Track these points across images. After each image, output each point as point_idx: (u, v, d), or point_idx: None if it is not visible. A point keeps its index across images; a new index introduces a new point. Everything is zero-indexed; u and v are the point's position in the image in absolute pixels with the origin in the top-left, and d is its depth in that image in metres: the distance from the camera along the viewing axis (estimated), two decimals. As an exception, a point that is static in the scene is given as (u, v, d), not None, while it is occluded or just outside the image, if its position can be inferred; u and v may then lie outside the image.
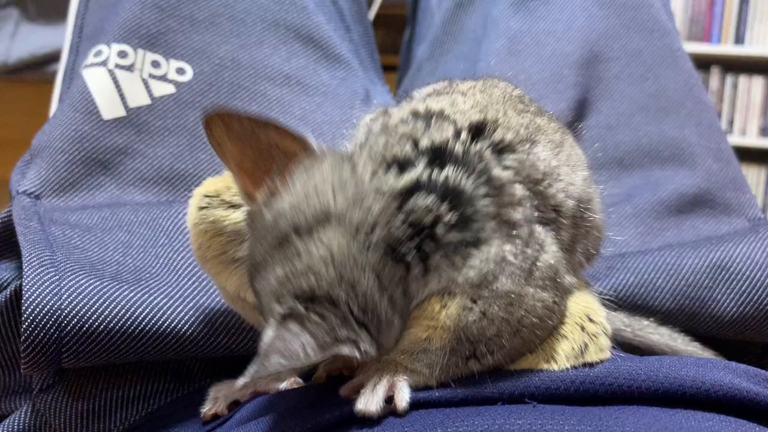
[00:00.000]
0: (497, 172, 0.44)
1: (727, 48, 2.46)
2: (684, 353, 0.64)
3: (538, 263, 0.44)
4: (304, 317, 0.39)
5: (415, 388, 0.43)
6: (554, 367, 0.46)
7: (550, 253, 0.45)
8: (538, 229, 0.45)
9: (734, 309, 0.68)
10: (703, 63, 2.44)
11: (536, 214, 0.45)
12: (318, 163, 0.43)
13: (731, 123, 2.50)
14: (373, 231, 0.40)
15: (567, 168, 0.49)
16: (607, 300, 0.53)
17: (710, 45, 2.48)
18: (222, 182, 0.52)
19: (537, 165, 0.46)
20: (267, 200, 0.43)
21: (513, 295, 0.43)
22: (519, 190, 0.44)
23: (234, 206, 0.51)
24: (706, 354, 0.66)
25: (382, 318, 0.41)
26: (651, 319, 0.66)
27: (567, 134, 0.53)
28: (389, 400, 0.42)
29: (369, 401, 0.41)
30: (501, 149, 0.45)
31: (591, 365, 0.47)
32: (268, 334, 0.38)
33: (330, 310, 0.39)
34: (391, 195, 0.41)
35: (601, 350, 0.48)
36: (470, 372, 0.44)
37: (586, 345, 0.47)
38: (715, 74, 2.50)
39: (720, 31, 2.49)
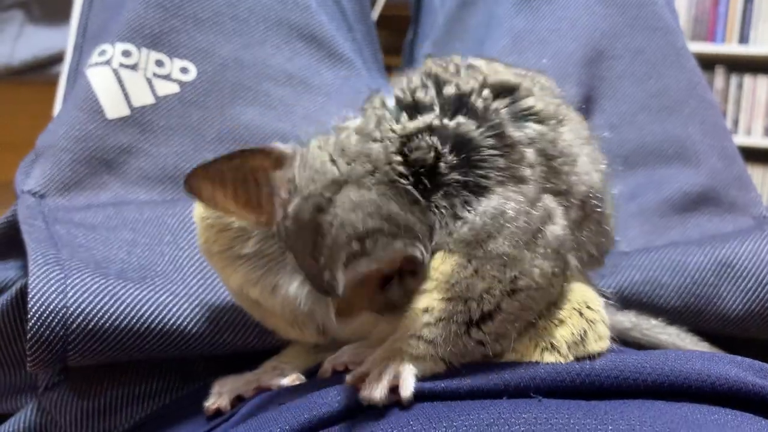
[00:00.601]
0: (511, 131, 0.45)
1: (731, 47, 2.46)
2: None
3: (546, 231, 0.45)
4: (362, 251, 0.41)
5: (422, 378, 0.43)
6: (557, 358, 0.46)
7: (559, 225, 0.46)
8: (548, 197, 0.46)
9: (739, 306, 0.68)
10: (708, 63, 2.44)
11: (548, 184, 0.46)
12: (304, 154, 0.45)
13: (736, 123, 2.50)
14: (376, 172, 0.44)
15: (587, 159, 0.50)
16: (608, 297, 0.53)
17: (715, 44, 2.48)
18: None
19: (557, 142, 0.47)
20: (280, 215, 0.45)
21: (506, 258, 0.43)
22: (531, 154, 0.45)
23: None
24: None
25: (416, 228, 0.43)
26: (660, 318, 0.66)
27: (594, 139, 0.54)
28: (394, 390, 0.42)
29: (374, 389, 0.41)
30: (525, 115, 0.47)
31: (594, 357, 0.47)
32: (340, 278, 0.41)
33: (378, 238, 0.42)
34: (398, 137, 0.45)
35: (600, 338, 0.48)
36: (475, 349, 0.45)
37: (585, 332, 0.47)
38: (719, 74, 2.50)
39: (724, 31, 2.49)
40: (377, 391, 0.41)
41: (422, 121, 0.46)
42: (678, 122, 0.88)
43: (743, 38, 2.46)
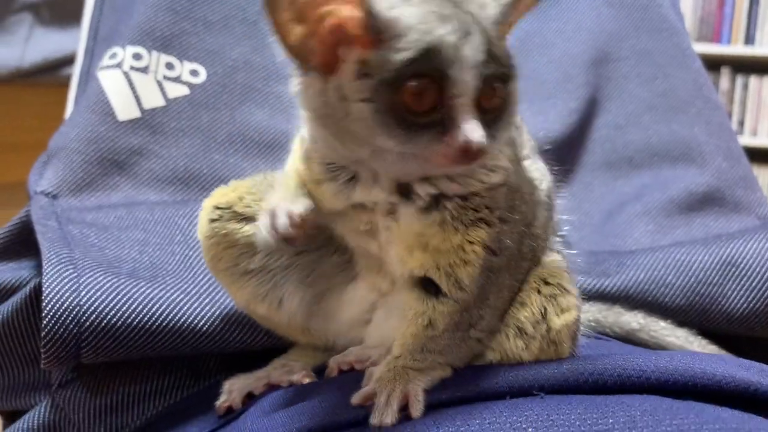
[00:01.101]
0: None
1: (737, 48, 2.45)
2: None
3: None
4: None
5: (431, 386, 0.44)
6: (525, 340, 0.47)
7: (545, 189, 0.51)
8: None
9: (744, 305, 0.68)
10: (714, 63, 2.43)
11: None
12: None
13: (742, 123, 2.49)
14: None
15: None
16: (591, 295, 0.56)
17: (720, 45, 2.48)
18: (233, 193, 0.53)
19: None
20: None
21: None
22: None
23: (246, 218, 0.51)
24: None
25: None
26: (668, 321, 0.67)
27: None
28: (404, 407, 0.43)
29: (384, 414, 0.42)
30: None
31: (560, 331, 0.48)
32: None
33: None
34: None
35: (563, 311, 0.48)
36: (475, 347, 0.46)
37: (545, 309, 0.48)
38: (725, 75, 2.49)
39: (730, 32, 2.48)
40: (388, 417, 0.42)
41: None
42: (684, 123, 0.88)
43: (749, 39, 2.45)
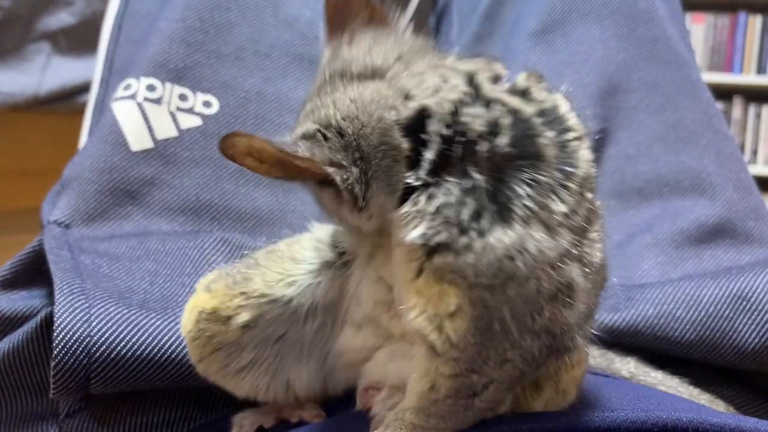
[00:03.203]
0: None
1: (749, 78, 2.46)
2: None
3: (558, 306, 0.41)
4: (314, 135, 0.41)
5: None
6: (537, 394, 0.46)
7: (580, 305, 0.42)
8: (577, 267, 0.41)
9: (756, 339, 0.68)
10: (726, 93, 2.43)
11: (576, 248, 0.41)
12: (387, 31, 0.45)
13: (755, 153, 2.49)
14: (410, 99, 0.41)
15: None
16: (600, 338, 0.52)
17: (732, 75, 2.48)
18: (216, 299, 0.51)
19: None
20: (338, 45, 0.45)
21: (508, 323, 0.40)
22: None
23: (230, 317, 0.50)
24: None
25: (369, 174, 0.41)
26: (667, 369, 0.66)
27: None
28: None
29: None
30: None
31: None
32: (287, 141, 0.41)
33: (336, 137, 0.41)
34: (463, 75, 0.42)
35: (574, 366, 0.47)
36: (480, 413, 0.45)
37: (557, 369, 0.47)
38: (737, 104, 2.49)
39: (742, 61, 2.49)
40: None
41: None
42: (694, 153, 0.88)
43: (761, 68, 2.45)
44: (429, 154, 0.39)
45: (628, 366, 0.65)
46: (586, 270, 0.40)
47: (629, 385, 0.62)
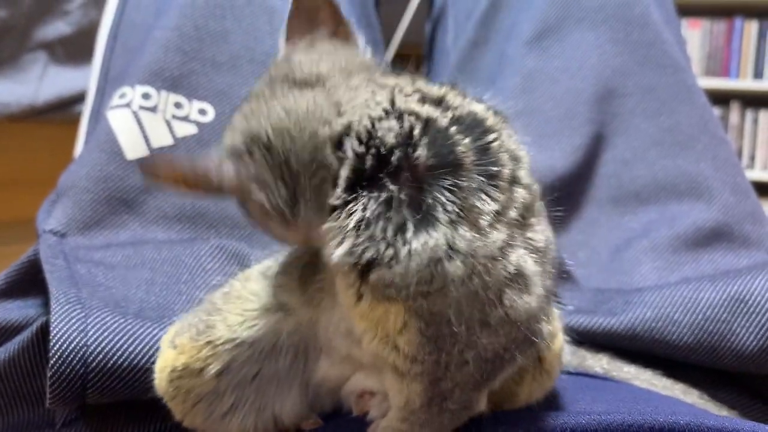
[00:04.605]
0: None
1: (746, 83, 2.46)
2: None
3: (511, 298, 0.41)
4: (240, 153, 0.41)
5: None
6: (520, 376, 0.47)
7: (535, 295, 0.41)
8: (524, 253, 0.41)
9: (754, 342, 0.67)
10: (723, 98, 2.44)
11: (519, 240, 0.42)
12: (348, 46, 0.46)
13: (752, 158, 2.49)
14: (341, 115, 0.40)
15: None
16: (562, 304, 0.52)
17: (729, 80, 2.49)
18: (185, 354, 0.50)
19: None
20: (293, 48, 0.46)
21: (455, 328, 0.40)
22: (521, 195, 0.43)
23: (202, 369, 0.50)
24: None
25: (297, 191, 0.41)
26: (660, 371, 0.66)
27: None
28: None
29: None
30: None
31: None
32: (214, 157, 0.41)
33: (264, 154, 0.40)
34: (388, 91, 0.41)
35: (551, 338, 0.47)
36: (461, 414, 0.45)
37: (535, 389, 0.49)
38: (734, 109, 2.50)
39: (738, 66, 2.49)
40: None
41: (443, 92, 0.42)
42: (690, 158, 0.88)
43: (758, 73, 2.46)
44: (344, 172, 0.39)
45: (600, 362, 0.65)
46: (533, 256, 0.40)
47: (627, 388, 0.62)
